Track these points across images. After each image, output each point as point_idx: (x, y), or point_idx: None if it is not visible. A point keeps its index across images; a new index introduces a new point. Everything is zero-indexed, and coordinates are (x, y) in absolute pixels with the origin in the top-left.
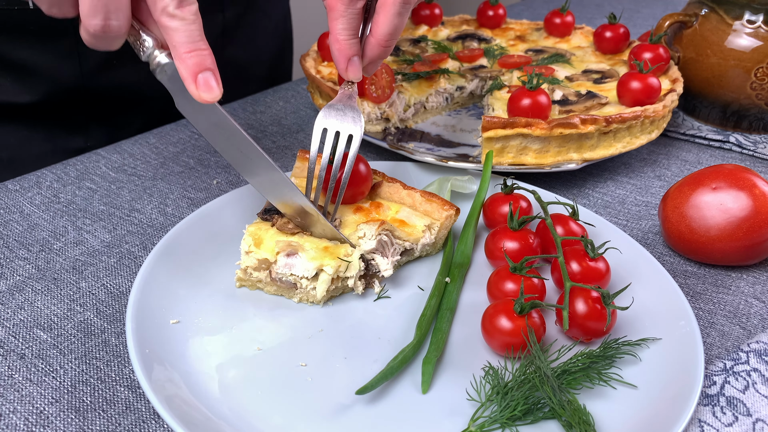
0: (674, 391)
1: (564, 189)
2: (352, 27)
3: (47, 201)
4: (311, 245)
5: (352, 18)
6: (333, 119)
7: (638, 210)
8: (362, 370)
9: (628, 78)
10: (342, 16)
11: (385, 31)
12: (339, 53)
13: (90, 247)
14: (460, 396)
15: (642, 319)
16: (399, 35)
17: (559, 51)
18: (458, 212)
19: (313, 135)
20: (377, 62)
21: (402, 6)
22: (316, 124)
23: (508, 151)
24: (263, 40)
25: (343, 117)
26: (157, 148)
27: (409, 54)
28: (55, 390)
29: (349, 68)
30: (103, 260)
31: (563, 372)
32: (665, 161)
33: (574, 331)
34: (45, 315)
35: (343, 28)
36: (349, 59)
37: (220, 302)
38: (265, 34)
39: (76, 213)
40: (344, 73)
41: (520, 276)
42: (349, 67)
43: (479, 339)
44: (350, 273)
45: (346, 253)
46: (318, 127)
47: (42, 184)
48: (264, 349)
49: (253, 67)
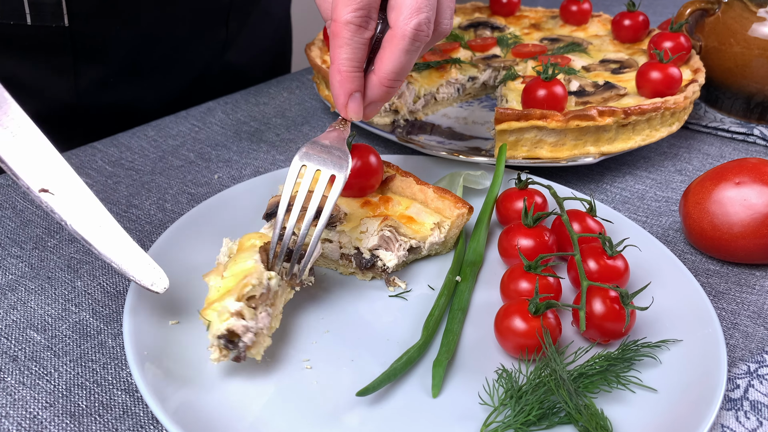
0: (696, 395)
1: (581, 184)
2: (356, 58)
3: None
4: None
5: (357, 48)
6: (316, 156)
7: (658, 206)
8: (370, 372)
9: (647, 68)
10: (347, 44)
11: (390, 69)
12: (340, 86)
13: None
14: (472, 400)
15: (662, 319)
16: (405, 76)
17: (575, 40)
18: (471, 211)
19: (289, 172)
20: (378, 105)
21: (411, 42)
22: (294, 159)
23: (523, 144)
24: (265, 41)
25: (328, 156)
26: (156, 142)
27: None
28: (49, 394)
29: (350, 104)
30: (100, 258)
31: (580, 375)
32: (686, 155)
33: (592, 333)
34: (39, 315)
35: (347, 58)
36: (350, 94)
37: None
38: (266, 36)
39: None
40: (343, 110)
41: (535, 275)
42: (351, 103)
43: (492, 340)
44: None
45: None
46: (296, 163)
47: None
48: (267, 350)
49: (254, 68)
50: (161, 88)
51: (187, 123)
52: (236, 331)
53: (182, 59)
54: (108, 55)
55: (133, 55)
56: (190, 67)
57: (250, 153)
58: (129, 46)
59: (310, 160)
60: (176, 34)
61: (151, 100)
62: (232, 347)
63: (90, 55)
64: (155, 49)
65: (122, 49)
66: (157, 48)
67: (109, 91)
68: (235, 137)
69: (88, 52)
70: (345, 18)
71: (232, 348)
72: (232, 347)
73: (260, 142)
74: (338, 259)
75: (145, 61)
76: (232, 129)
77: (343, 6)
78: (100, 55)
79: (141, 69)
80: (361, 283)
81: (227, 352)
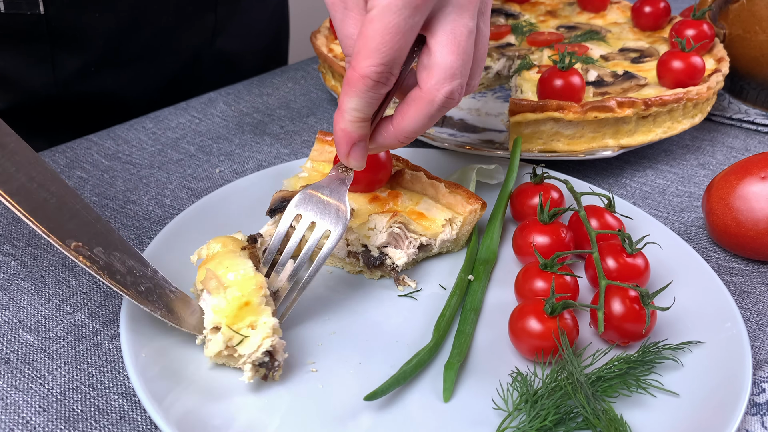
0: (719, 400)
1: (599, 178)
2: (367, 110)
3: None
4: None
5: (370, 102)
6: (312, 206)
7: (680, 201)
8: (378, 376)
9: (669, 57)
10: (359, 96)
11: (410, 129)
12: (342, 135)
13: None
14: (485, 404)
15: (684, 320)
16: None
17: (593, 27)
18: (485, 206)
19: (283, 218)
20: (383, 149)
21: (439, 109)
22: (290, 205)
23: (538, 136)
24: (258, 28)
25: (325, 208)
26: (155, 134)
27: None
28: (42, 398)
29: (351, 154)
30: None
31: (598, 378)
32: (710, 148)
33: (610, 334)
34: (32, 316)
35: (356, 109)
36: (353, 144)
37: None
38: (260, 22)
39: None
40: (344, 159)
41: (551, 273)
42: (353, 153)
43: (506, 342)
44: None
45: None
46: (291, 210)
47: None
48: None
49: (248, 56)
50: (147, 78)
51: (187, 115)
52: (278, 348)
53: (167, 47)
54: (87, 44)
55: (113, 43)
56: (176, 55)
57: (253, 146)
58: (108, 34)
59: (306, 209)
60: (159, 20)
61: (138, 90)
62: (265, 365)
63: (68, 43)
64: (137, 37)
65: (101, 37)
66: (139, 35)
67: (90, 80)
68: (237, 129)
69: (65, 40)
70: (364, 71)
71: (266, 366)
72: (265, 365)
73: (264, 135)
74: (345, 257)
75: (126, 49)
76: (234, 121)
77: (365, 57)
78: (79, 43)
79: (123, 57)
80: (369, 282)
81: (261, 371)
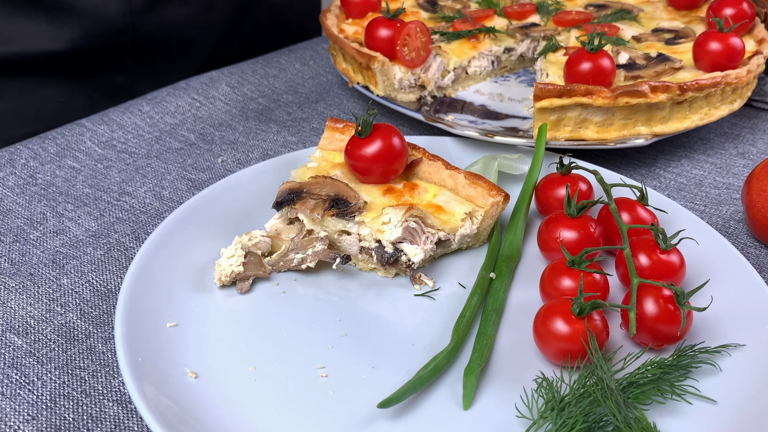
0: (759, 407)
1: (631, 169)
2: None
3: (22, 182)
4: None
5: None
6: None
7: (718, 193)
8: (392, 381)
9: (706, 38)
10: None
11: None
12: None
13: (72, 237)
14: (508, 412)
15: (722, 322)
16: None
17: (624, 6)
18: (507, 199)
19: None
20: None
21: None
22: None
23: (565, 124)
24: None
25: None
26: (152, 119)
27: (449, 10)
28: (31, 405)
29: None
30: (88, 252)
31: (630, 384)
32: (750, 136)
33: (643, 336)
34: (20, 317)
35: None
36: None
37: (224, 302)
38: None
39: (56, 197)
40: None
41: (579, 271)
42: None
43: (530, 345)
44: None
45: None
46: None
47: (16, 162)
48: (277, 356)
49: (286, 12)
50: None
51: (187, 97)
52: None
53: None
54: None
55: None
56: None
57: (258, 134)
58: None
59: None
60: None
61: (203, 23)
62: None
63: None
64: None
65: None
66: None
67: (160, 11)
68: (241, 115)
69: None
70: None
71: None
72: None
73: (269, 122)
74: (357, 253)
75: None
76: (237, 106)
77: None
78: None
79: None
80: (383, 280)
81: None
